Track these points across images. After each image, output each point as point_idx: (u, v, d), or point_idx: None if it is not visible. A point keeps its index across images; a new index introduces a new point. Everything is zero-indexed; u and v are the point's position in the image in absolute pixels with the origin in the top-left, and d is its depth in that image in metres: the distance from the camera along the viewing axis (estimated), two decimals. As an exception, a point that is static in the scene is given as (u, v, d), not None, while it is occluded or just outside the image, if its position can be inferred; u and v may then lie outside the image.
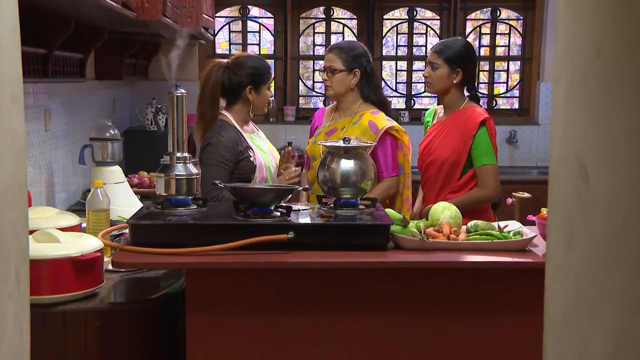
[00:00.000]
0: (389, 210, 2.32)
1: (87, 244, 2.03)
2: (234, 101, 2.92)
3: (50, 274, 1.94)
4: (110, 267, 2.17)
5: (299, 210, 2.34)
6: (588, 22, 0.80)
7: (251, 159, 2.82)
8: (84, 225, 2.38)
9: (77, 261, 1.96)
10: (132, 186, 3.38)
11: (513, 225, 2.30)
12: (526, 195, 3.03)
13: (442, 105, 3.09)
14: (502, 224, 2.30)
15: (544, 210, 2.19)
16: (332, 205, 2.36)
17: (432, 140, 3.02)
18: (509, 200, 2.97)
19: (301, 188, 2.36)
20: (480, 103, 3.11)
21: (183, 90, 2.35)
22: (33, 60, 2.54)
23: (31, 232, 2.02)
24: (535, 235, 2.20)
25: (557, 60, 0.91)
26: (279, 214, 2.22)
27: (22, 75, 2.59)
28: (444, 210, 2.26)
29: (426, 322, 2.14)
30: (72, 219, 2.28)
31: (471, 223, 2.28)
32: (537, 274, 1.98)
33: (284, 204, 2.26)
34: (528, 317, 2.06)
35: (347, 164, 2.34)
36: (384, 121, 3.02)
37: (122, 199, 2.97)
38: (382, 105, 3.13)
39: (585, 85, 0.81)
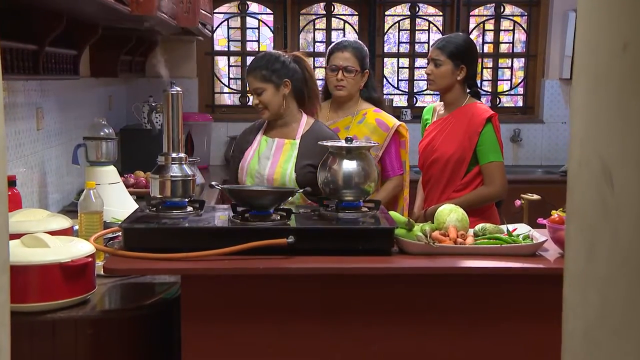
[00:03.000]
0: (393, 213, 2.25)
1: (78, 248, 1.96)
2: None
3: (38, 280, 1.86)
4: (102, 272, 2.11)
5: (299, 213, 2.27)
6: (614, 13, 0.73)
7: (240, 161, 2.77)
8: (77, 227, 2.31)
9: (67, 267, 1.88)
10: (128, 186, 3.32)
11: (522, 229, 2.23)
12: (535, 197, 2.95)
13: (441, 103, 3.02)
14: (510, 227, 2.23)
15: (554, 213, 2.12)
16: (333, 207, 2.28)
17: (434, 137, 2.95)
18: (517, 203, 2.90)
19: (302, 190, 2.29)
20: (482, 99, 3.05)
21: (179, 88, 2.29)
22: (23, 57, 2.46)
23: (20, 235, 1.97)
24: (546, 240, 2.12)
25: (578, 56, 0.86)
26: (278, 217, 2.16)
27: (12, 72, 2.48)
28: (450, 213, 2.19)
29: (431, 330, 2.07)
30: (64, 222, 2.21)
31: (479, 226, 2.21)
32: (547, 280, 1.94)
33: (283, 207, 2.19)
34: (538, 325, 2.01)
35: (349, 165, 2.27)
36: (392, 119, 3.02)
37: (117, 200, 2.91)
38: (379, 103, 3.11)
39: (610, 82, 0.74)
